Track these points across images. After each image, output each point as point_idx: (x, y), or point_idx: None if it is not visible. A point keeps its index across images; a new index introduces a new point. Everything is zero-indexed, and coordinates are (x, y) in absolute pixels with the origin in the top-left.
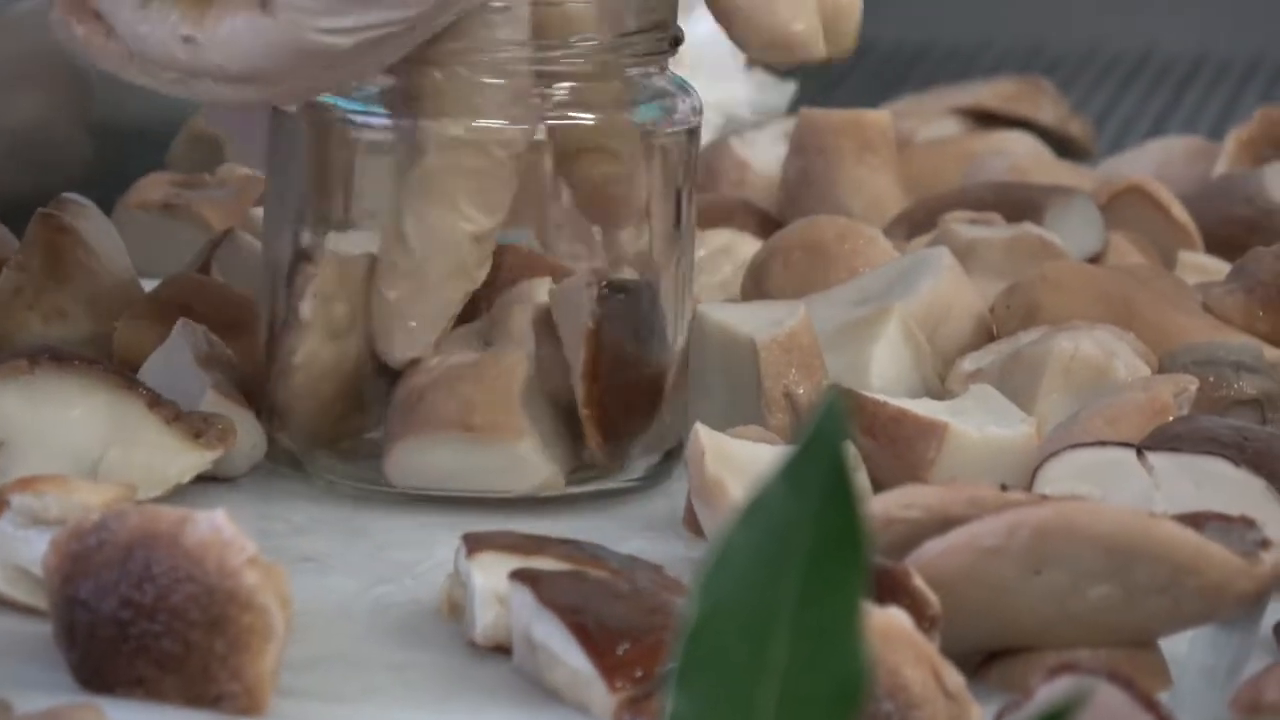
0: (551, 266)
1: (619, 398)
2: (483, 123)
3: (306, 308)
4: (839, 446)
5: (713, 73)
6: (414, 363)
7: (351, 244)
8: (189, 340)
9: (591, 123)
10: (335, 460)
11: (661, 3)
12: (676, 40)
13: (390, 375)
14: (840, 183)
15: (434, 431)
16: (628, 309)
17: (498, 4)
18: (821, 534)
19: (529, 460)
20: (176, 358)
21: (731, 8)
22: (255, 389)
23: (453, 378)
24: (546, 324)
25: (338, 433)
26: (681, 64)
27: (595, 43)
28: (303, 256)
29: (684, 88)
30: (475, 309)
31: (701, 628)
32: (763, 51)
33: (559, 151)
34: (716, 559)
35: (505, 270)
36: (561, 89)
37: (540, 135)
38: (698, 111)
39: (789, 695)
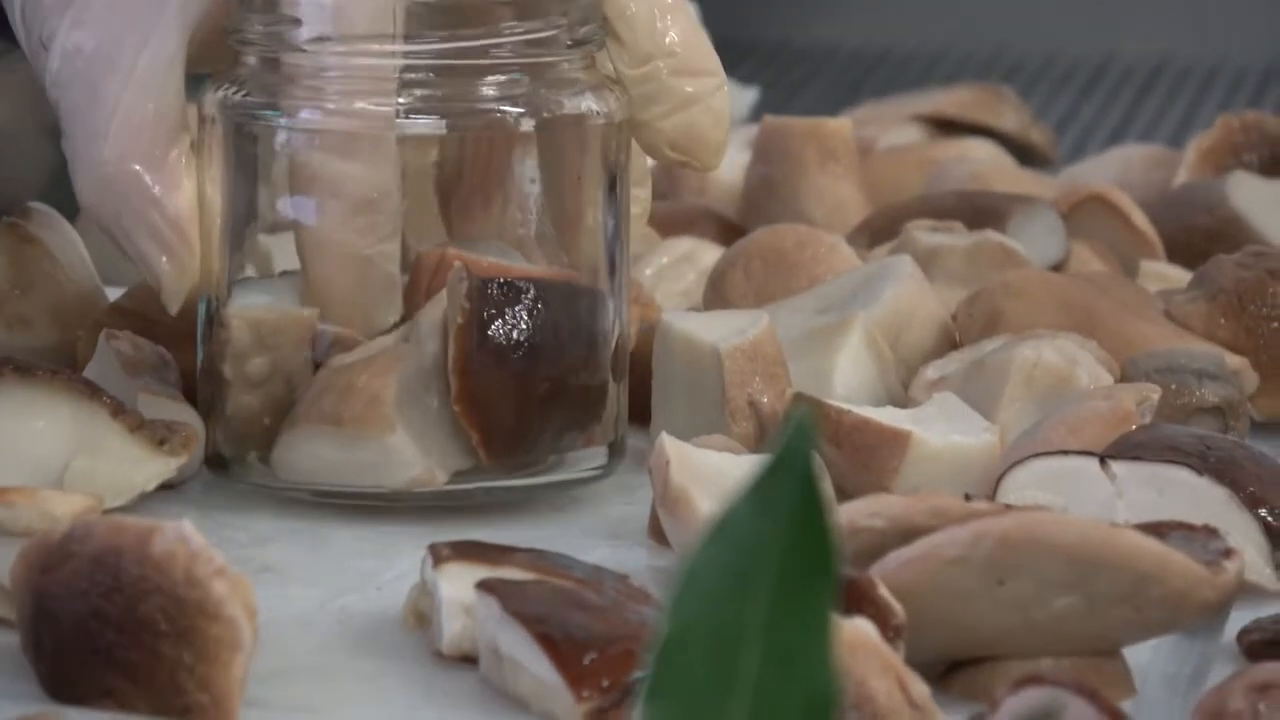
0: (514, 274)
1: (504, 395)
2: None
3: (226, 368)
4: (807, 462)
5: None
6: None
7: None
8: (113, 349)
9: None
10: (259, 463)
11: None
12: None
13: None
14: (802, 190)
15: (311, 425)
16: (520, 306)
17: None
18: (791, 551)
19: (400, 455)
20: (105, 368)
21: (646, 119)
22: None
23: (338, 373)
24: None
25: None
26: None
27: (522, 35)
28: (213, 321)
29: (611, 82)
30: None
31: (671, 645)
32: (679, 159)
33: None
34: (686, 576)
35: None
36: (491, 81)
37: (524, 128)
38: (625, 106)
39: (760, 712)
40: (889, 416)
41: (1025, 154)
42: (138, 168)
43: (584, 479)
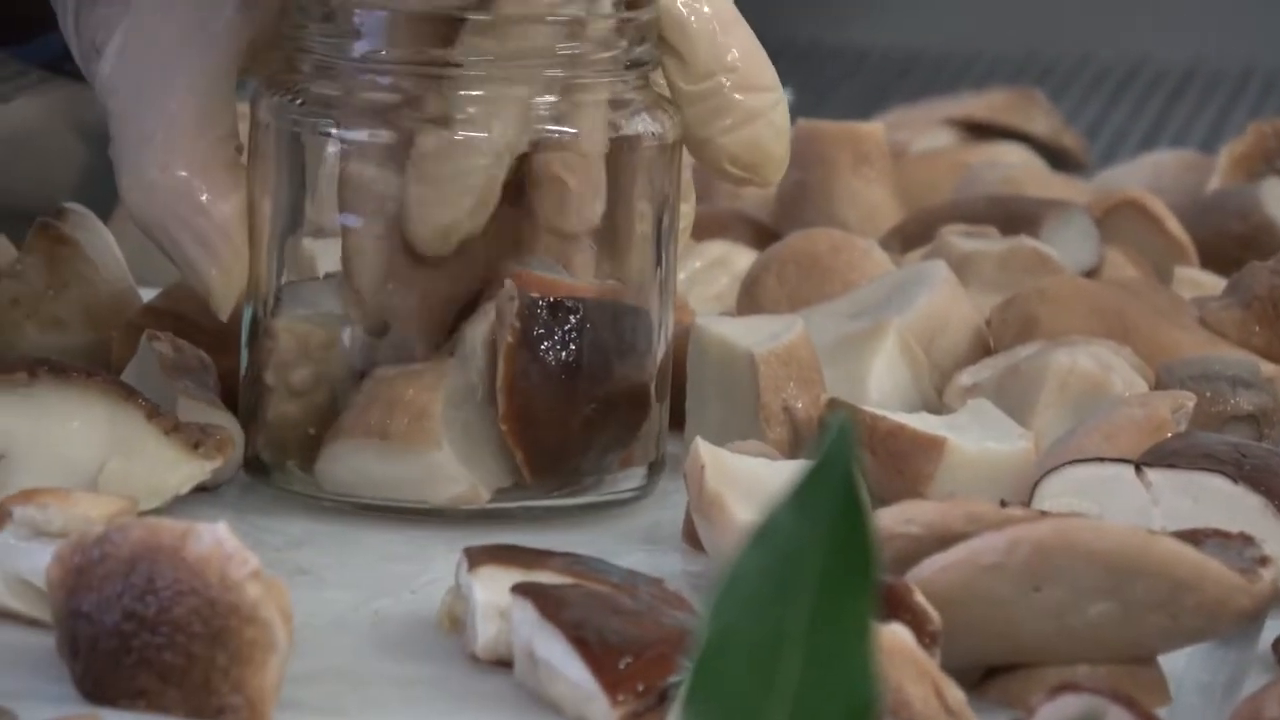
0: (564, 289)
1: (550, 415)
2: (469, 133)
3: (269, 375)
4: (848, 469)
5: None
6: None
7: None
8: (155, 351)
9: (572, 135)
10: (299, 470)
11: (645, 15)
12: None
13: None
14: (836, 194)
15: (357, 437)
16: (570, 326)
17: (483, 17)
18: (831, 557)
19: (444, 471)
20: (146, 370)
21: (707, 135)
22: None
23: (386, 386)
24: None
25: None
26: None
27: (578, 54)
28: (259, 327)
29: (665, 102)
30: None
31: (711, 650)
32: (741, 176)
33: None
34: (727, 581)
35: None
36: (546, 100)
37: (573, 149)
38: (678, 126)
39: (799, 717)
40: (923, 423)
41: (1057, 159)
42: (186, 175)
43: (623, 499)
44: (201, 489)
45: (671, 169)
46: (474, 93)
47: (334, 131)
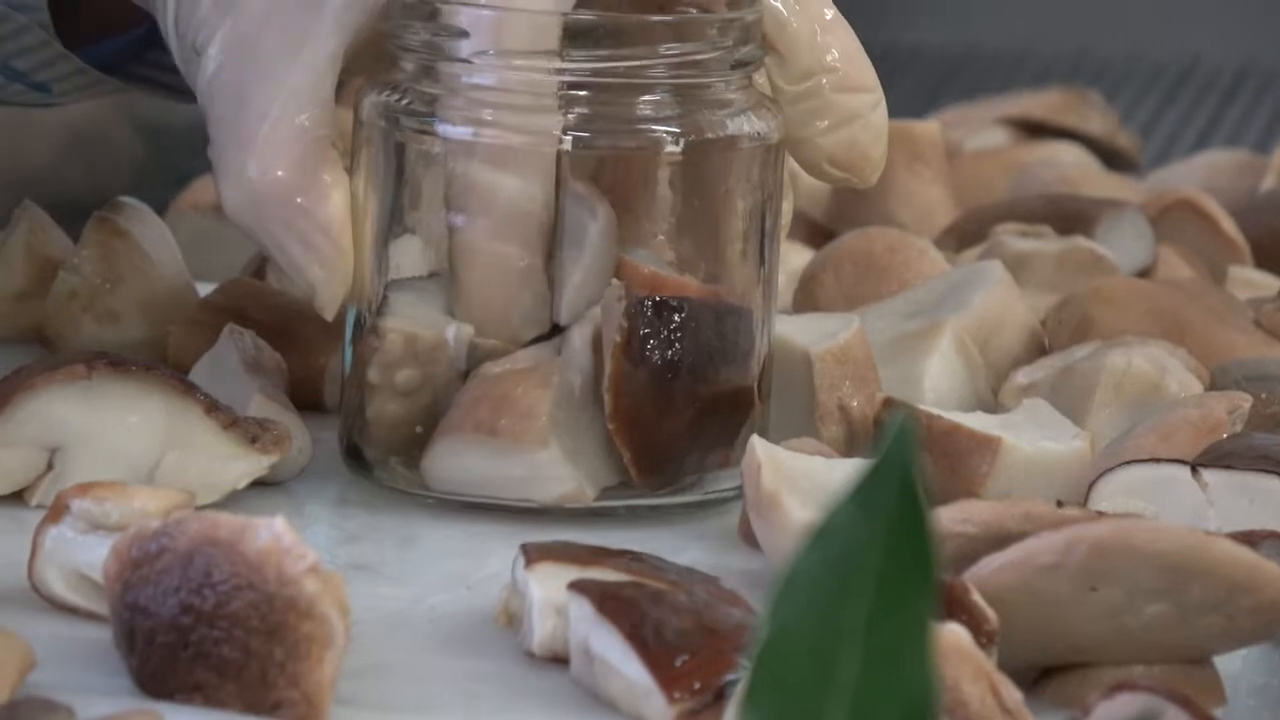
0: (672, 285)
1: (657, 414)
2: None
3: (373, 374)
4: (909, 468)
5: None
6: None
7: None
8: (236, 345)
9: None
10: (402, 467)
11: (749, 15)
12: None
13: None
14: (890, 193)
15: (464, 434)
16: (675, 325)
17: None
18: (891, 555)
19: (551, 470)
20: (224, 363)
21: (806, 136)
22: (305, 393)
23: (493, 383)
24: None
25: (411, 448)
26: None
27: (681, 56)
28: (363, 326)
29: (768, 101)
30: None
31: (771, 647)
32: (840, 177)
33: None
34: (786, 579)
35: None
36: (648, 101)
37: (675, 149)
38: (781, 126)
39: (858, 715)
40: (979, 422)
41: (1110, 158)
42: (286, 177)
43: (723, 498)
44: (261, 484)
45: (774, 169)
46: (580, 93)
47: (439, 130)
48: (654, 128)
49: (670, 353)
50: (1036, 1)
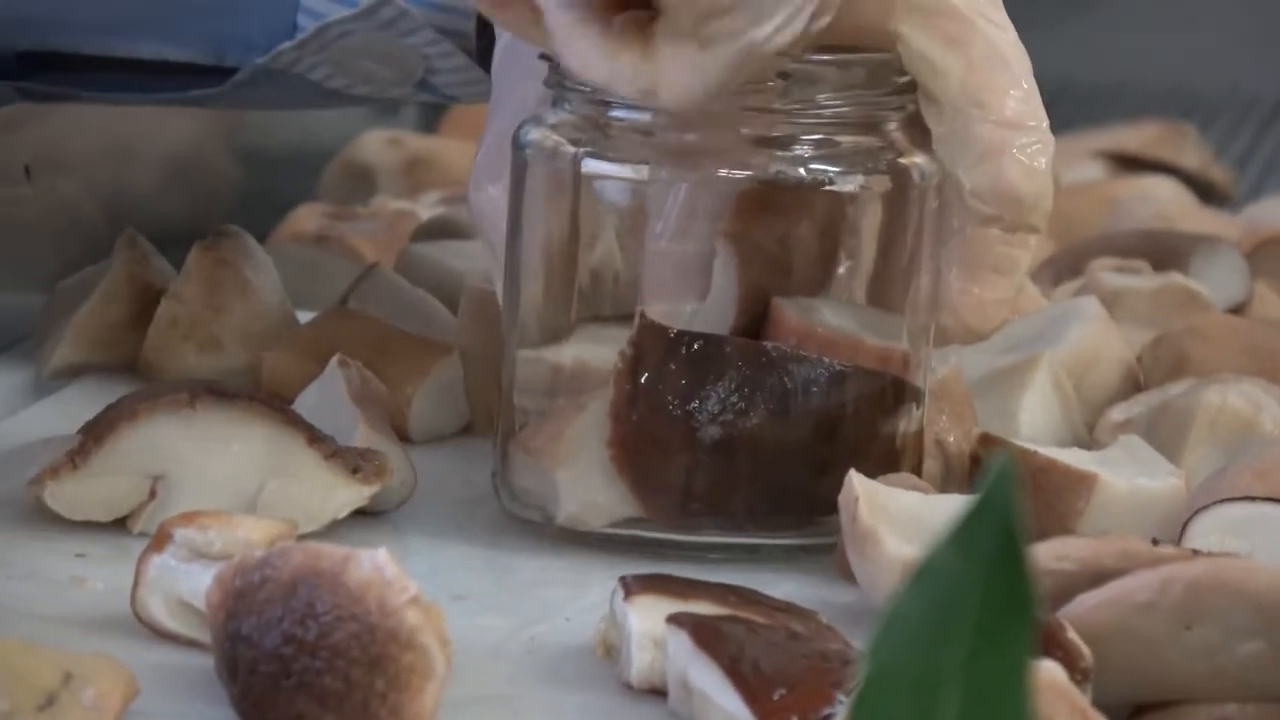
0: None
1: (658, 447)
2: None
3: (518, 398)
4: (1010, 507)
5: None
6: None
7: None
8: (344, 375)
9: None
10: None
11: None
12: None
13: None
14: None
15: (519, 454)
16: (685, 360)
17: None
18: (990, 596)
19: (564, 490)
20: (330, 392)
21: (950, 172)
22: (398, 425)
23: (561, 406)
24: None
25: None
26: None
27: (862, 98)
28: (514, 353)
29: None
30: None
31: (872, 685)
32: (988, 213)
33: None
34: (887, 618)
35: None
36: (807, 140)
37: (848, 188)
38: (927, 176)
39: None
40: (1075, 458)
41: (1205, 192)
42: (494, 194)
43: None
44: (362, 513)
45: (941, 207)
46: (755, 132)
47: (606, 169)
48: (825, 167)
49: (675, 386)
50: (1132, 35)
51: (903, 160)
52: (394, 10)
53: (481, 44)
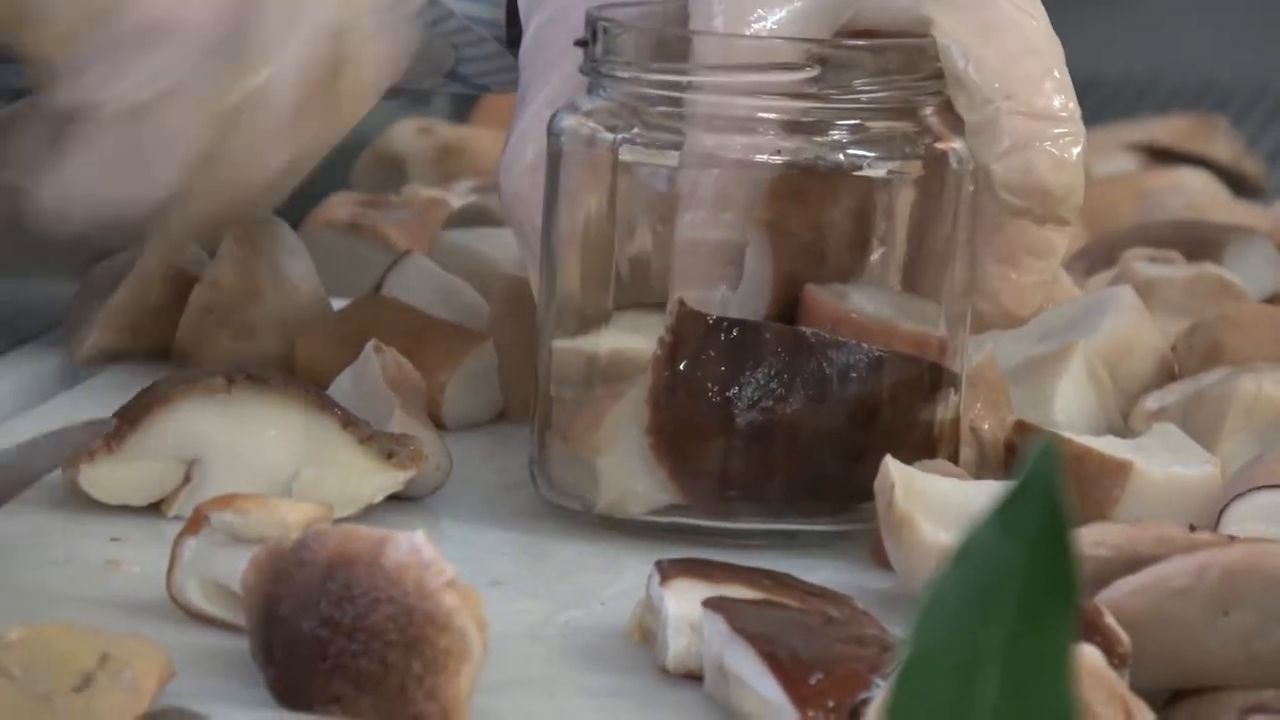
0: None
1: (695, 433)
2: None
3: (554, 389)
4: (1052, 489)
5: None
6: None
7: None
8: (379, 361)
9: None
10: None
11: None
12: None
13: None
14: None
15: (558, 442)
16: (723, 347)
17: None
18: (1032, 579)
19: (601, 478)
20: (365, 378)
21: (982, 163)
22: (432, 412)
23: (601, 394)
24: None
25: None
26: None
27: (901, 83)
28: (548, 343)
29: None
30: None
31: (912, 668)
32: (1019, 206)
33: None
34: (927, 601)
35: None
36: (842, 126)
37: (882, 173)
38: (963, 161)
39: None
40: (1110, 446)
41: (1236, 184)
42: (525, 180)
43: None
44: (397, 499)
45: (976, 194)
46: (794, 118)
47: (644, 149)
48: (862, 152)
49: (715, 372)
50: (1163, 28)
51: (939, 145)
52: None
53: (512, 33)
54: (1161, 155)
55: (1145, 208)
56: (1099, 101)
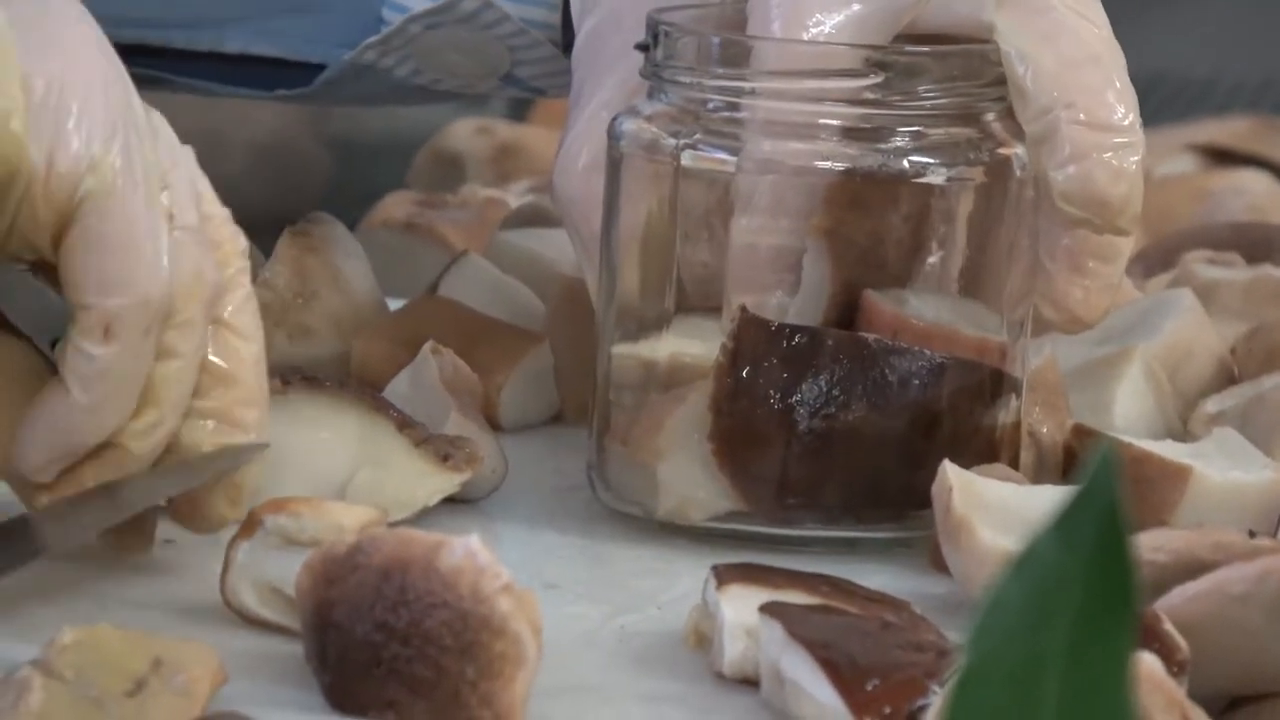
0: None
1: (756, 440)
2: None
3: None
4: (1112, 497)
5: None
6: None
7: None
8: (436, 363)
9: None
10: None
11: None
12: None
13: None
14: None
15: (616, 446)
16: (785, 354)
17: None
18: (1092, 586)
19: (662, 484)
20: (422, 380)
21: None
22: (488, 413)
23: (663, 398)
24: None
25: None
26: None
27: (936, 94)
28: (608, 348)
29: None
30: None
31: (972, 675)
32: (1077, 215)
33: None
34: (987, 607)
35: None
36: (904, 132)
37: (943, 180)
38: (1026, 166)
39: None
40: (1169, 450)
41: None
42: (579, 184)
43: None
44: (452, 501)
45: (1036, 202)
46: (852, 125)
47: (706, 153)
48: (925, 159)
49: (777, 379)
50: (1223, 29)
51: (1002, 151)
52: (476, 2)
53: (568, 36)
54: (1221, 156)
55: (1205, 209)
56: (1159, 102)
